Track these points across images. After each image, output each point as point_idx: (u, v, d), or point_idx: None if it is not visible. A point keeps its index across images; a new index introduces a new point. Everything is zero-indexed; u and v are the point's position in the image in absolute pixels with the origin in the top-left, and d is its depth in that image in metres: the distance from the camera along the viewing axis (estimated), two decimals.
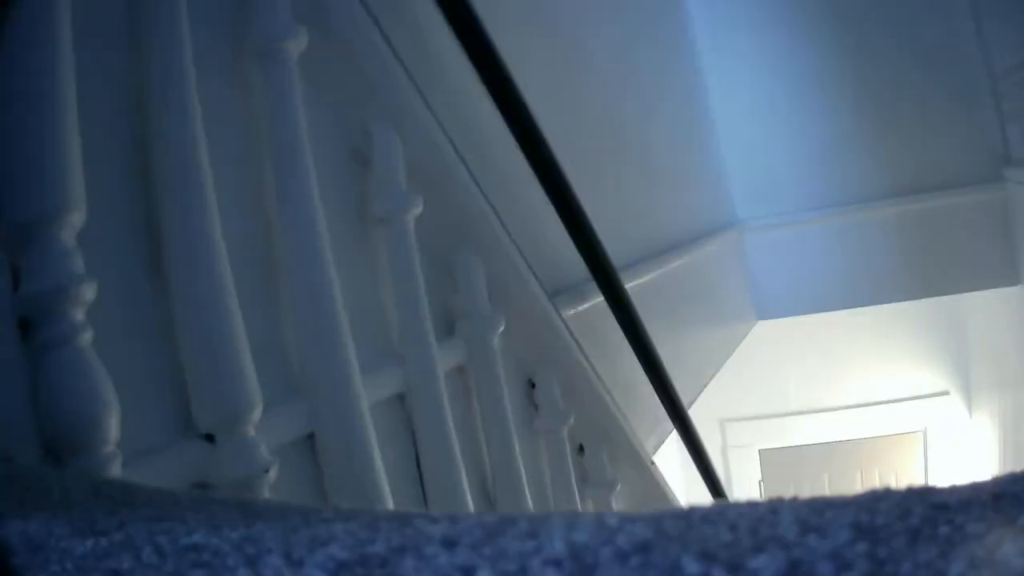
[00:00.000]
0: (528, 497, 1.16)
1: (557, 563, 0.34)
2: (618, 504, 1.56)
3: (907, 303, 3.72)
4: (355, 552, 0.38)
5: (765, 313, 3.36)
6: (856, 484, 5.65)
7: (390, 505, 0.81)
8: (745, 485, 5.60)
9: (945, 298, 3.82)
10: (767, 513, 0.38)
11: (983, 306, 3.89)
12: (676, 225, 2.59)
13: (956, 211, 3.13)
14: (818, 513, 0.37)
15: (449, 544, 0.38)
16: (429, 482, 0.95)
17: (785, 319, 3.56)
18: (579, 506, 1.40)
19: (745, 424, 5.43)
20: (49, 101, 0.56)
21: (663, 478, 1.73)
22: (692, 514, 0.39)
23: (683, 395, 2.13)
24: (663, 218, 2.49)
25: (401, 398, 0.94)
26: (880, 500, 0.38)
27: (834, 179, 3.33)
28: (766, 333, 3.51)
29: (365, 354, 0.84)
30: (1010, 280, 3.07)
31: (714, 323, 2.88)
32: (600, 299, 1.59)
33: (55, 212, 0.55)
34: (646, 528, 0.37)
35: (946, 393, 5.20)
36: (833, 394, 5.37)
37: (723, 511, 0.39)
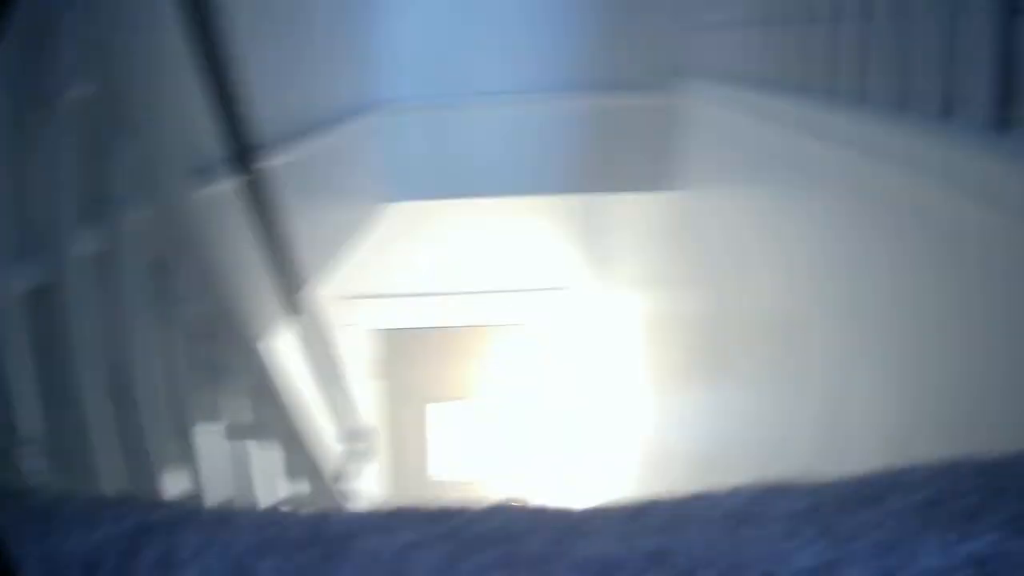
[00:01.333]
0: (158, 387, 1.19)
1: None
2: (234, 391, 1.63)
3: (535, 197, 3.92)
4: None
5: (399, 196, 3.46)
6: (466, 367, 6.10)
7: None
8: (359, 363, 5.83)
9: (574, 197, 4.09)
10: None
11: (611, 209, 4.25)
12: (322, 102, 2.62)
13: (621, 113, 3.36)
14: None
15: None
16: (64, 375, 0.97)
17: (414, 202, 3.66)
18: (194, 390, 1.43)
19: (361, 302, 5.60)
20: None
21: (278, 365, 1.81)
22: None
23: (309, 275, 2.22)
24: (308, 94, 2.51)
25: (42, 288, 0.94)
26: None
27: (495, 67, 3.44)
28: (390, 212, 3.62)
29: (12, 240, 0.87)
30: (664, 186, 3.34)
31: (347, 204, 2.96)
32: (236, 179, 1.62)
33: None
34: None
35: (565, 288, 5.69)
36: (452, 280, 5.68)
37: None
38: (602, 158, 3.42)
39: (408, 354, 6.09)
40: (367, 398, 6.02)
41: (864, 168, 1.54)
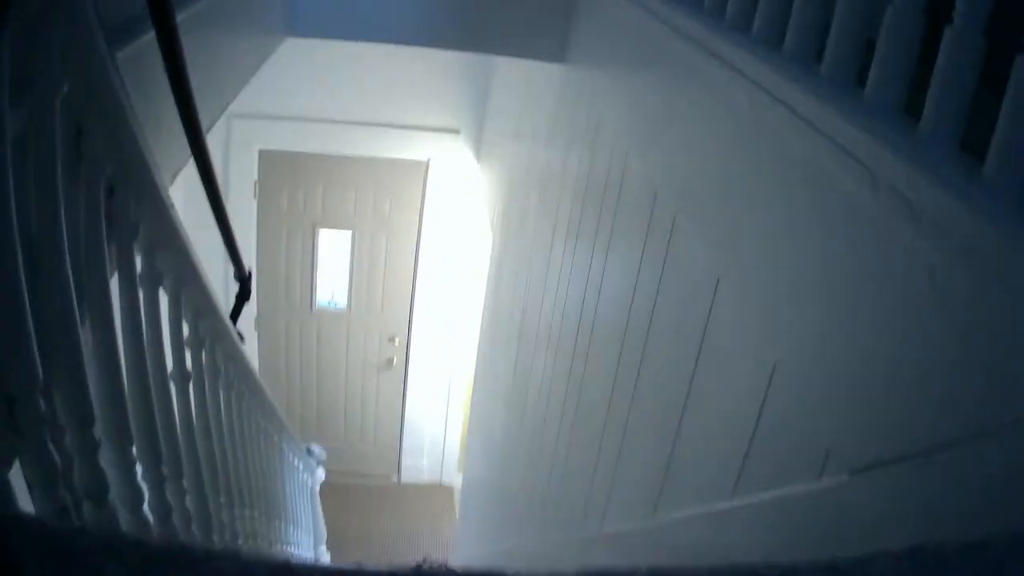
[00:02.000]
0: (66, 245, 1.25)
1: None
2: (139, 247, 1.70)
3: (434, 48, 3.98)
4: None
5: (299, 31, 3.46)
6: (351, 199, 6.15)
7: None
8: (244, 184, 5.83)
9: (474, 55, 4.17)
10: None
11: (510, 63, 4.32)
12: None
13: None
14: None
15: None
16: None
17: None
18: (106, 248, 1.50)
19: (250, 122, 5.56)
20: None
21: (179, 219, 1.87)
22: None
23: (210, 111, 2.26)
24: None
25: None
26: None
27: None
28: (292, 44, 3.62)
29: None
30: (557, 58, 3.45)
31: (248, 36, 2.94)
32: (150, 34, 1.65)
33: None
34: None
35: (456, 131, 5.75)
36: (346, 109, 5.68)
37: None
38: (505, 21, 3.48)
39: (286, 177, 6.10)
40: (256, 219, 6.05)
41: (729, 90, 1.66)
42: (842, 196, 1.23)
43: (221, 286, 3.82)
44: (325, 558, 5.04)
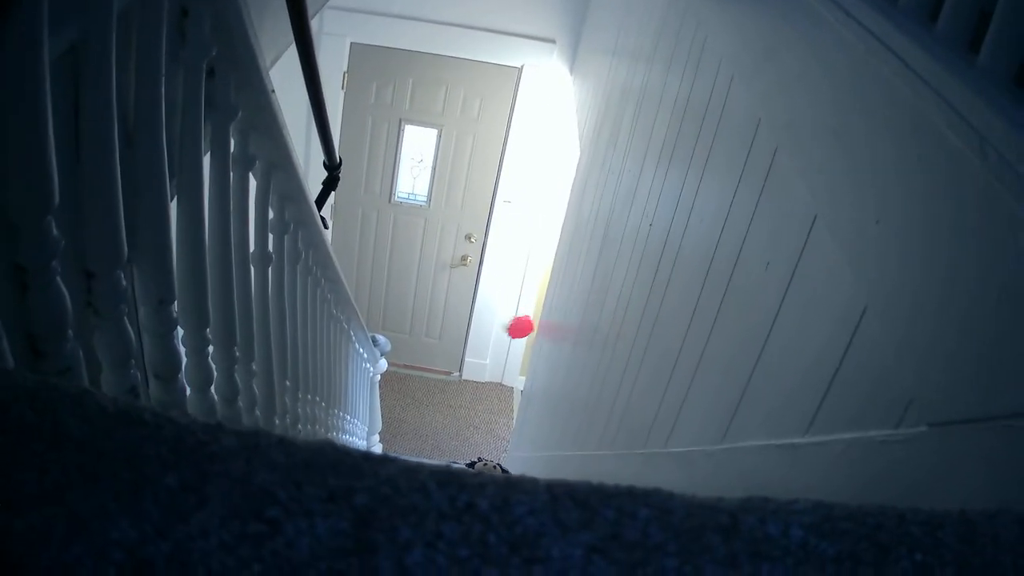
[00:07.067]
0: (164, 131, 1.23)
1: None
2: (235, 130, 1.68)
3: None
4: None
5: None
6: (439, 97, 6.08)
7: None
8: (332, 75, 5.80)
9: None
10: None
11: None
12: None
13: None
14: None
15: None
16: (84, 132, 1.01)
17: None
18: (202, 127, 1.48)
19: (343, 14, 5.52)
20: None
21: (278, 104, 1.84)
22: None
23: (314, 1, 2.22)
24: None
25: (76, 47, 0.97)
26: None
27: None
28: None
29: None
30: None
31: None
32: None
33: None
34: None
35: (551, 41, 5.63)
36: (441, 10, 5.62)
37: None
38: None
39: (375, 71, 6.06)
40: (341, 110, 6.03)
41: None
42: (949, 155, 1.16)
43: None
44: (376, 448, 5.11)
